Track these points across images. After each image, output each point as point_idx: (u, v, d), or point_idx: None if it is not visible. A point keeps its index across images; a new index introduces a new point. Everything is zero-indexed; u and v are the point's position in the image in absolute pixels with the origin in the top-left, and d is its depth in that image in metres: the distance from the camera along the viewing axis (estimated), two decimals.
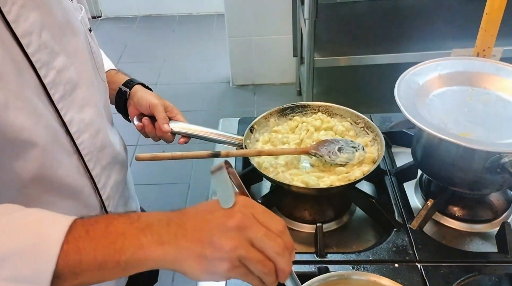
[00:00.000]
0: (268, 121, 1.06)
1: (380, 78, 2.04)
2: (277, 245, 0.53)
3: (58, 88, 0.67)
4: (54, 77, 0.67)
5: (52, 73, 0.66)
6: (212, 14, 4.04)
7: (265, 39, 2.93)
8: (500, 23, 1.14)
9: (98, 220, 0.55)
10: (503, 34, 1.22)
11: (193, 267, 0.53)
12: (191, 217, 0.55)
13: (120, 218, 0.55)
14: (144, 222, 0.54)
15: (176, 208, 0.58)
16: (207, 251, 0.52)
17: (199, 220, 0.54)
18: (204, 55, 3.53)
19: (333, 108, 1.07)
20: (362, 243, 0.92)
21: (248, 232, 0.53)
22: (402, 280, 0.79)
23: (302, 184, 0.89)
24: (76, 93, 0.72)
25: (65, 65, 0.69)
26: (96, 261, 0.52)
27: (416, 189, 1.03)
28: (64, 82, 0.69)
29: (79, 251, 0.51)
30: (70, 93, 0.70)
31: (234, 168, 0.56)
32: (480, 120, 0.88)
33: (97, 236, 0.53)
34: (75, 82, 0.71)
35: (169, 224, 0.54)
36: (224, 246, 0.52)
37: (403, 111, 0.85)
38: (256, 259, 0.53)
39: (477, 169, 0.84)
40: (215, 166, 0.52)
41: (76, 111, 0.71)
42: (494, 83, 0.95)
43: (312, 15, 1.85)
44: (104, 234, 0.53)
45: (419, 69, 0.97)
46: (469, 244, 0.90)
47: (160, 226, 0.54)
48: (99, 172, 0.78)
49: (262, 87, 3.09)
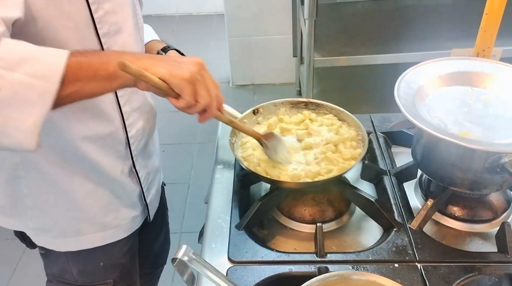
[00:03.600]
0: (278, 109, 1.09)
1: (380, 78, 2.05)
2: (216, 90, 0.77)
3: (104, 25, 0.82)
4: (102, 15, 0.81)
5: (101, 11, 0.80)
6: (212, 14, 4.04)
7: (265, 39, 2.93)
8: (500, 23, 1.14)
9: (89, 50, 0.76)
10: (503, 34, 1.22)
11: (163, 67, 0.72)
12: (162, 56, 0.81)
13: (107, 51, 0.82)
14: (126, 52, 0.81)
15: (175, 209, 0.62)
16: (175, 64, 0.73)
17: (169, 58, 0.78)
18: (204, 55, 3.52)
19: (343, 114, 1.07)
20: (362, 243, 0.92)
21: (204, 72, 0.75)
22: (402, 280, 0.79)
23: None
24: (119, 36, 0.85)
25: (113, 9, 0.82)
26: (91, 69, 0.69)
27: (416, 189, 1.03)
28: (110, 23, 0.82)
29: (79, 62, 0.68)
30: (114, 34, 0.84)
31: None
32: (480, 120, 0.88)
33: (90, 55, 0.72)
34: (119, 26, 0.85)
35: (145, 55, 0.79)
36: (188, 64, 0.74)
37: (403, 111, 0.85)
38: (204, 84, 0.75)
39: (477, 169, 0.84)
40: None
41: (116, 51, 0.83)
42: (494, 83, 0.95)
43: (312, 15, 1.85)
44: (95, 54, 0.75)
45: (419, 69, 0.97)
46: (469, 244, 0.90)
47: (138, 54, 0.78)
48: (128, 110, 0.92)
49: (262, 87, 3.09)
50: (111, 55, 0.74)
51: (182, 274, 0.74)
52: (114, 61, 0.69)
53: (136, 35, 0.91)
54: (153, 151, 1.09)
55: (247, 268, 0.83)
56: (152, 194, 1.10)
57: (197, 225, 1.10)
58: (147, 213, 1.10)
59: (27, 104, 0.63)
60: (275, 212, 0.99)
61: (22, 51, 0.64)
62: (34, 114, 0.64)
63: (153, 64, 0.72)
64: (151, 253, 1.36)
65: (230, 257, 0.86)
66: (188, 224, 2.22)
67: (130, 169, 0.99)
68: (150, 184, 1.08)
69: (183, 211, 2.29)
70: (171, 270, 1.80)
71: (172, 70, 0.72)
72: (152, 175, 1.09)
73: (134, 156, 0.98)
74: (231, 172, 1.07)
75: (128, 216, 1.04)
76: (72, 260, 1.02)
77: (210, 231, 0.93)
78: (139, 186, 1.03)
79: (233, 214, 0.95)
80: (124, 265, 1.07)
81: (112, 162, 0.94)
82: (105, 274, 1.05)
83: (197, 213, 2.21)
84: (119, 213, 1.01)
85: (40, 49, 0.67)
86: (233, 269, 0.83)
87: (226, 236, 0.90)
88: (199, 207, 1.27)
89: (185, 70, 0.72)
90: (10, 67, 0.62)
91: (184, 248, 0.69)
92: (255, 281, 0.81)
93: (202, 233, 0.95)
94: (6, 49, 0.62)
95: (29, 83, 0.63)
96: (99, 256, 1.03)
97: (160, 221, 1.33)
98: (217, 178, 1.06)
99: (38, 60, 0.64)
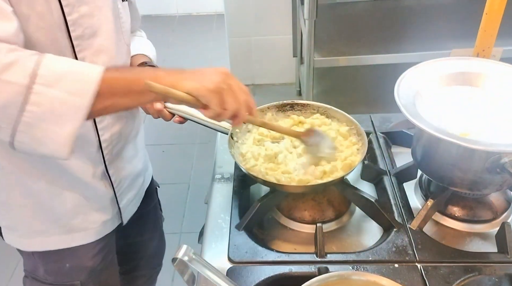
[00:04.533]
0: (265, 115, 1.07)
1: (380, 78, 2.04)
2: (244, 96, 0.79)
3: (78, 28, 0.81)
4: (77, 18, 0.80)
5: (76, 14, 0.80)
6: (212, 14, 4.03)
7: (265, 39, 2.92)
8: (500, 23, 1.14)
9: (125, 66, 0.90)
10: (503, 34, 1.22)
11: (189, 82, 0.74)
12: (189, 71, 0.78)
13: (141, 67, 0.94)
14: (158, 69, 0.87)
15: (175, 209, 0.62)
16: (200, 76, 0.76)
17: (195, 71, 0.78)
18: (204, 55, 3.53)
19: (331, 111, 1.07)
20: (362, 243, 0.92)
21: (229, 80, 0.76)
22: (402, 280, 0.79)
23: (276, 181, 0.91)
24: (95, 39, 0.85)
25: (90, 12, 0.82)
26: (124, 85, 0.73)
27: (416, 189, 1.03)
28: (85, 26, 0.82)
29: (113, 78, 0.72)
30: (89, 37, 0.84)
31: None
32: (480, 120, 0.88)
33: (125, 71, 0.79)
34: (95, 30, 0.84)
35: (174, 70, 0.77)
36: (212, 75, 0.76)
37: (403, 111, 0.85)
38: (230, 92, 0.76)
39: (477, 169, 0.84)
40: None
41: (91, 53, 0.84)
42: (494, 83, 0.95)
43: (312, 15, 1.85)
44: (129, 70, 0.85)
45: (419, 69, 0.97)
46: (469, 244, 0.90)
47: (169, 70, 0.77)
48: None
49: (262, 87, 3.09)
50: (144, 71, 0.80)
51: (182, 274, 0.74)
52: (148, 76, 0.73)
53: (117, 38, 0.90)
54: (134, 155, 1.07)
55: (247, 268, 0.83)
56: (128, 199, 1.08)
57: (197, 225, 1.10)
58: (120, 218, 1.08)
59: (63, 118, 0.69)
60: (275, 212, 0.99)
61: (61, 68, 0.69)
62: (68, 127, 0.69)
63: (180, 79, 0.75)
64: (145, 255, 1.35)
65: (230, 257, 0.86)
66: (188, 224, 2.22)
67: (103, 173, 0.98)
68: (126, 189, 1.06)
69: (183, 211, 2.29)
70: (171, 270, 1.80)
71: (197, 83, 0.74)
72: (129, 180, 1.07)
73: (107, 160, 0.96)
74: (231, 173, 1.07)
75: (98, 220, 1.02)
76: (40, 259, 1.01)
77: (210, 231, 0.93)
78: (112, 190, 1.01)
79: (233, 214, 0.95)
80: (93, 268, 1.05)
81: (82, 164, 0.93)
82: (72, 275, 1.03)
83: (197, 213, 2.21)
84: (88, 216, 1.00)
85: (78, 65, 0.74)
86: (233, 269, 0.83)
87: (226, 236, 0.90)
88: (199, 207, 1.27)
89: (210, 81, 0.74)
90: (49, 84, 0.67)
91: (185, 248, 0.69)
92: (255, 281, 0.81)
93: (202, 233, 0.95)
94: (48, 66, 0.68)
95: (65, 99, 0.68)
96: (66, 258, 1.01)
97: (153, 224, 1.32)
98: (217, 178, 1.06)
99: (74, 76, 0.69)
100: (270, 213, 0.98)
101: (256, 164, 0.96)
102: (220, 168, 1.09)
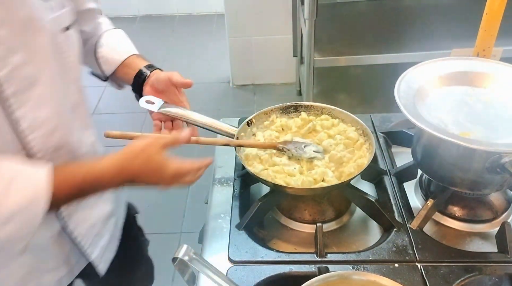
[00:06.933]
0: (269, 117, 1.07)
1: (380, 78, 2.04)
2: (195, 178, 0.83)
3: (12, 83, 0.69)
4: (9, 73, 0.68)
5: (7, 68, 0.67)
6: (212, 14, 4.03)
7: (265, 39, 2.93)
8: (500, 23, 1.14)
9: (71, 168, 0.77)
10: (503, 34, 1.22)
11: (149, 178, 0.78)
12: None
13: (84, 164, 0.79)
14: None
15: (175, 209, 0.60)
16: (156, 176, 0.78)
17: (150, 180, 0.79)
18: (204, 55, 3.53)
19: (335, 111, 1.07)
20: (362, 243, 0.92)
21: (180, 180, 0.80)
22: (402, 280, 0.79)
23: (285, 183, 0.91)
24: (34, 90, 0.72)
25: (24, 61, 0.69)
26: (75, 189, 0.73)
27: (416, 189, 1.03)
28: (21, 78, 0.70)
29: (60, 191, 0.71)
30: (27, 89, 0.71)
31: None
32: (480, 120, 0.88)
33: (70, 175, 0.74)
34: (34, 79, 0.72)
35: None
36: (165, 182, 0.79)
37: (403, 111, 0.85)
38: (182, 182, 0.81)
39: (477, 169, 0.84)
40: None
41: (31, 107, 0.72)
42: (494, 83, 0.95)
43: (312, 15, 1.85)
44: (77, 171, 0.75)
45: (419, 69, 0.97)
46: (469, 244, 0.90)
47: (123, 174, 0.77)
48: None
49: (262, 87, 3.09)
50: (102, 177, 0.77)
51: (182, 274, 0.74)
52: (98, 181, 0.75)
53: (61, 81, 0.78)
54: (98, 198, 0.94)
55: (247, 268, 0.84)
56: (101, 247, 0.96)
57: (197, 225, 1.10)
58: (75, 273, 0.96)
59: (23, 238, 0.70)
60: (275, 212, 0.99)
61: (12, 204, 0.67)
62: (25, 241, 0.71)
63: (137, 175, 0.77)
64: (133, 279, 1.24)
65: (230, 257, 0.86)
66: (188, 224, 2.22)
67: (59, 232, 0.86)
68: (96, 238, 0.94)
69: (183, 211, 2.29)
70: (171, 270, 1.80)
71: (157, 179, 0.78)
72: (97, 228, 0.94)
73: (65, 216, 0.85)
74: (231, 172, 1.07)
75: (52, 279, 0.90)
76: None
77: (210, 231, 0.93)
78: (73, 245, 0.90)
79: (233, 214, 0.95)
80: None
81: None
82: None
83: (197, 213, 2.21)
84: (41, 280, 0.88)
85: (24, 199, 0.68)
86: (233, 269, 0.83)
87: (226, 236, 0.90)
88: (199, 207, 1.26)
89: (164, 188, 0.80)
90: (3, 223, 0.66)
91: (185, 248, 0.69)
92: (255, 281, 0.81)
93: (202, 233, 0.95)
94: None
95: (20, 230, 0.68)
96: None
97: (136, 253, 1.23)
98: (217, 178, 1.06)
99: (23, 213, 0.68)
100: (270, 213, 0.98)
101: (267, 168, 0.95)
102: (220, 168, 1.09)
